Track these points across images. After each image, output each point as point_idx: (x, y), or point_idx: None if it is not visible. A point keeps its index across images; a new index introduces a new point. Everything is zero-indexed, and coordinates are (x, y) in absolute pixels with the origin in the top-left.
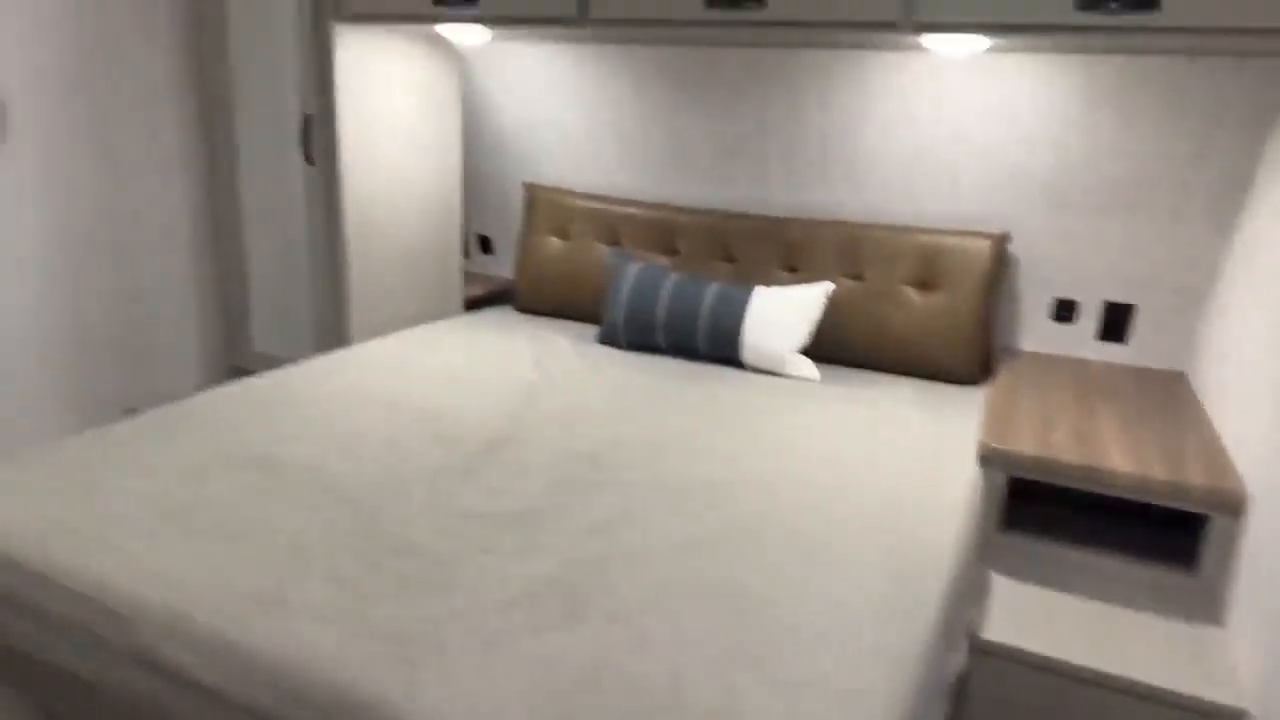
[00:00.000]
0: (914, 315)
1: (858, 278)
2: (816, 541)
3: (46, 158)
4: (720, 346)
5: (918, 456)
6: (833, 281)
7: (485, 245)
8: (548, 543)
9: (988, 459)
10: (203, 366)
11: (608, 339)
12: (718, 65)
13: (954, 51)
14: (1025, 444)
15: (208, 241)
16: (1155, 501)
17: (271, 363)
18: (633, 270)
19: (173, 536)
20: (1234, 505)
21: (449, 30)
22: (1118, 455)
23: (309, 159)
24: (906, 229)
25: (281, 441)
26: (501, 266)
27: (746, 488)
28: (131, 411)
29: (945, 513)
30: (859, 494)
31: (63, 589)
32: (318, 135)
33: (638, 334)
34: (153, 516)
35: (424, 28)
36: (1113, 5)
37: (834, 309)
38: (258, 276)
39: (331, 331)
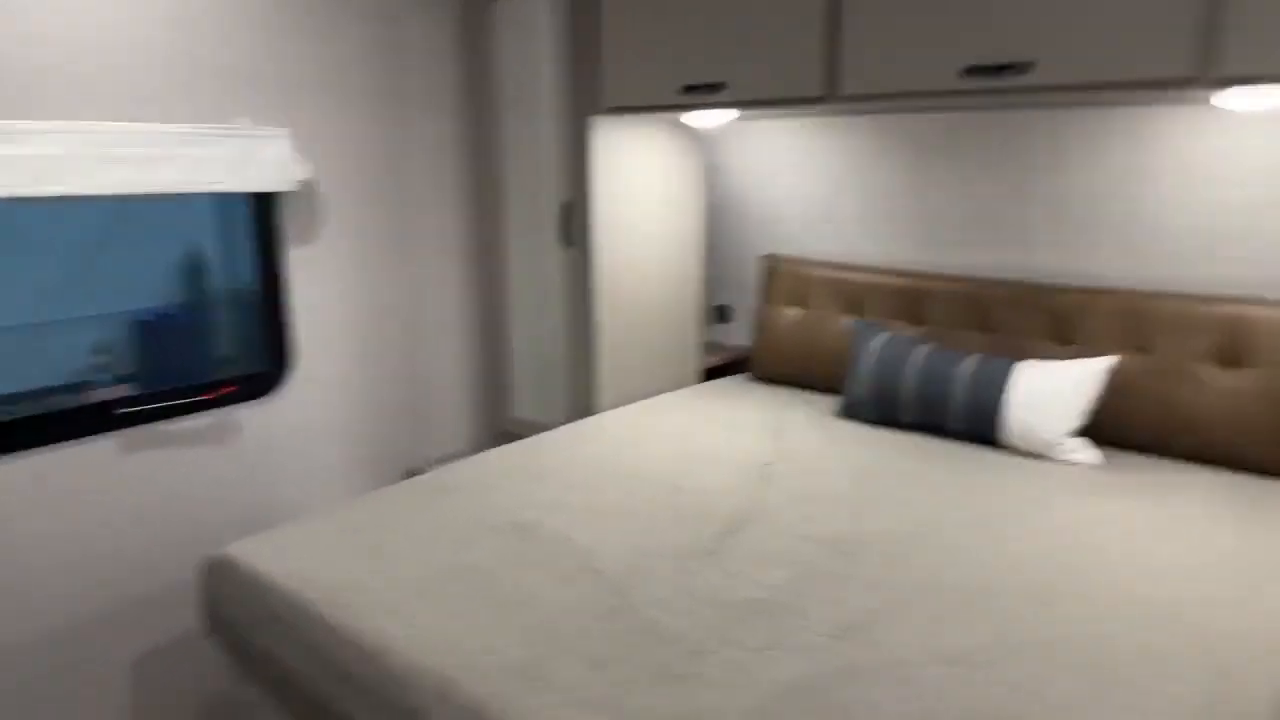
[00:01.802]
0: (1216, 395)
1: (1145, 351)
2: (1110, 665)
3: (352, 250)
4: (977, 424)
5: (1232, 566)
6: (1114, 356)
7: (722, 315)
8: (794, 641)
9: None
10: (472, 430)
11: (849, 412)
12: (969, 126)
13: (1253, 105)
14: None
15: (478, 320)
16: None
17: (530, 428)
18: (879, 340)
19: (444, 601)
20: None
21: (693, 116)
22: None
23: (567, 242)
24: (1203, 298)
25: (535, 508)
26: (737, 336)
27: (1017, 595)
28: (412, 472)
29: (1271, 639)
30: (1161, 611)
31: (349, 645)
32: (575, 220)
33: (882, 407)
34: (427, 579)
35: (672, 118)
36: None
37: (1116, 387)
38: (520, 351)
39: (582, 399)
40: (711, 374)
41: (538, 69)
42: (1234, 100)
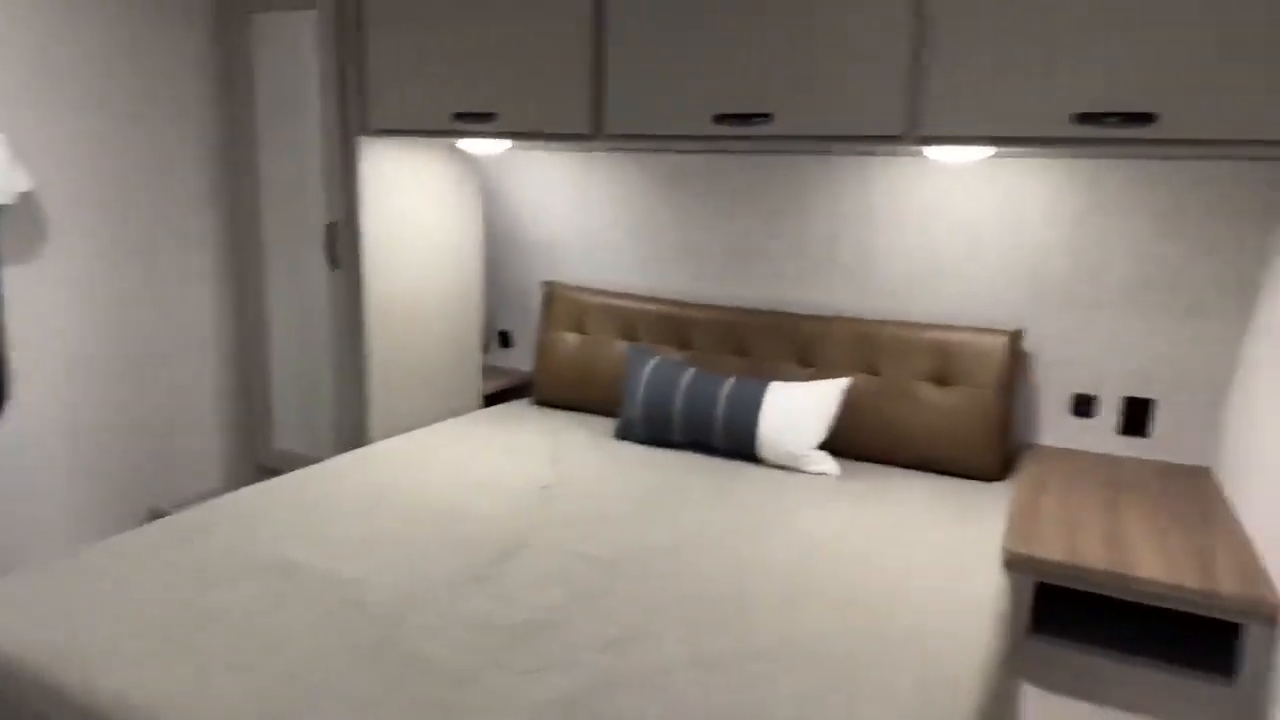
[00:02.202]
0: (932, 411)
1: (873, 373)
2: (840, 657)
3: (82, 263)
4: (737, 441)
5: (943, 561)
6: (848, 377)
7: (505, 340)
8: (561, 659)
9: (1014, 565)
10: (227, 466)
11: (625, 433)
12: (726, 168)
13: (958, 159)
14: (1052, 549)
15: (233, 344)
16: (1188, 610)
17: (294, 461)
18: (650, 364)
19: (190, 653)
20: (1269, 614)
21: (468, 142)
22: (1147, 559)
23: (333, 264)
24: (920, 325)
25: (299, 545)
26: (520, 360)
27: (767, 599)
28: (157, 514)
29: (974, 623)
30: (883, 604)
31: (76, 708)
32: (342, 241)
33: (655, 428)
34: (170, 630)
35: (448, 143)
36: (1110, 119)
37: (851, 404)
38: (281, 377)
39: (353, 430)
40: (493, 399)
41: (301, 85)
42: (941, 155)
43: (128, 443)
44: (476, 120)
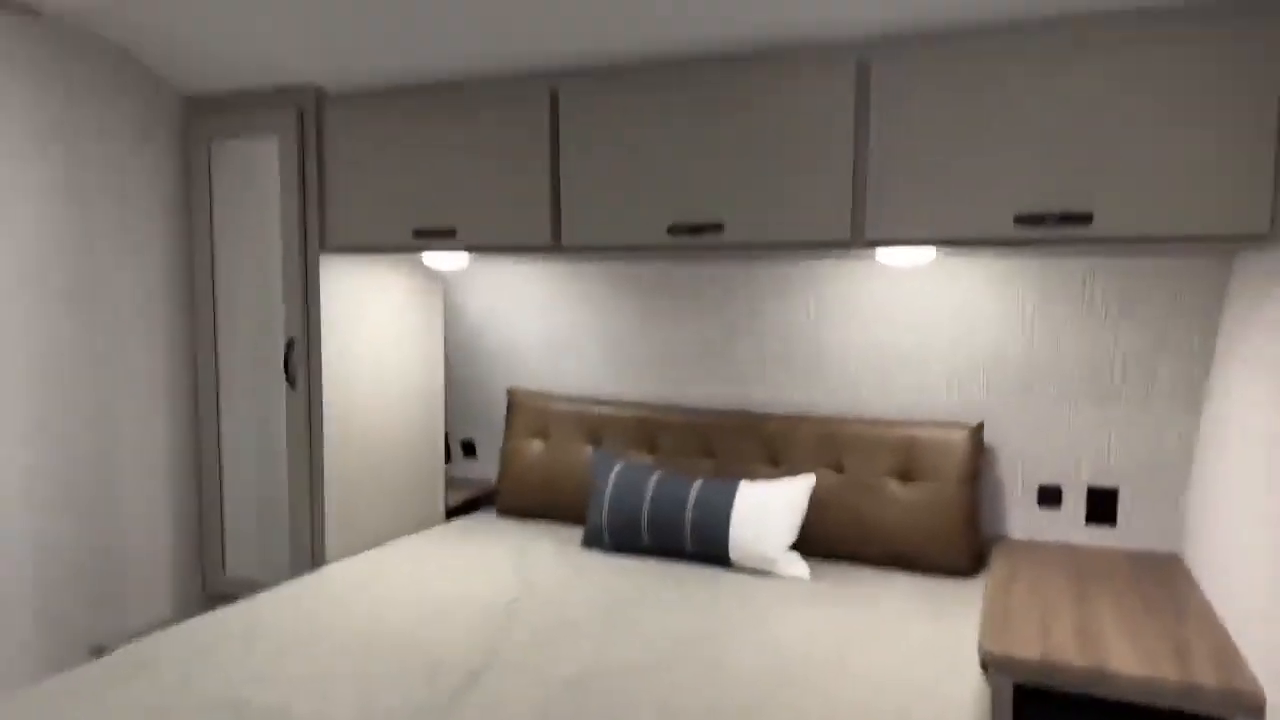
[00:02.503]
0: (898, 507)
1: (839, 470)
2: None
3: (19, 383)
4: (708, 545)
5: (920, 664)
6: (814, 474)
7: (469, 450)
8: None
9: (991, 666)
10: (178, 594)
11: (592, 542)
12: (688, 273)
13: (906, 260)
14: (1027, 647)
15: (187, 466)
16: (1168, 705)
17: (248, 587)
18: (616, 469)
19: None
20: (1252, 708)
21: (430, 257)
22: (1123, 653)
23: (291, 381)
24: (882, 421)
25: (249, 681)
26: (486, 470)
27: (737, 713)
28: (99, 650)
29: None
30: (861, 714)
31: None
32: (300, 358)
33: (622, 536)
34: None
35: (409, 258)
36: (1049, 220)
37: (819, 502)
38: (236, 499)
39: (310, 552)
40: (457, 512)
41: (262, 205)
42: (889, 257)
43: (68, 574)
44: (437, 236)
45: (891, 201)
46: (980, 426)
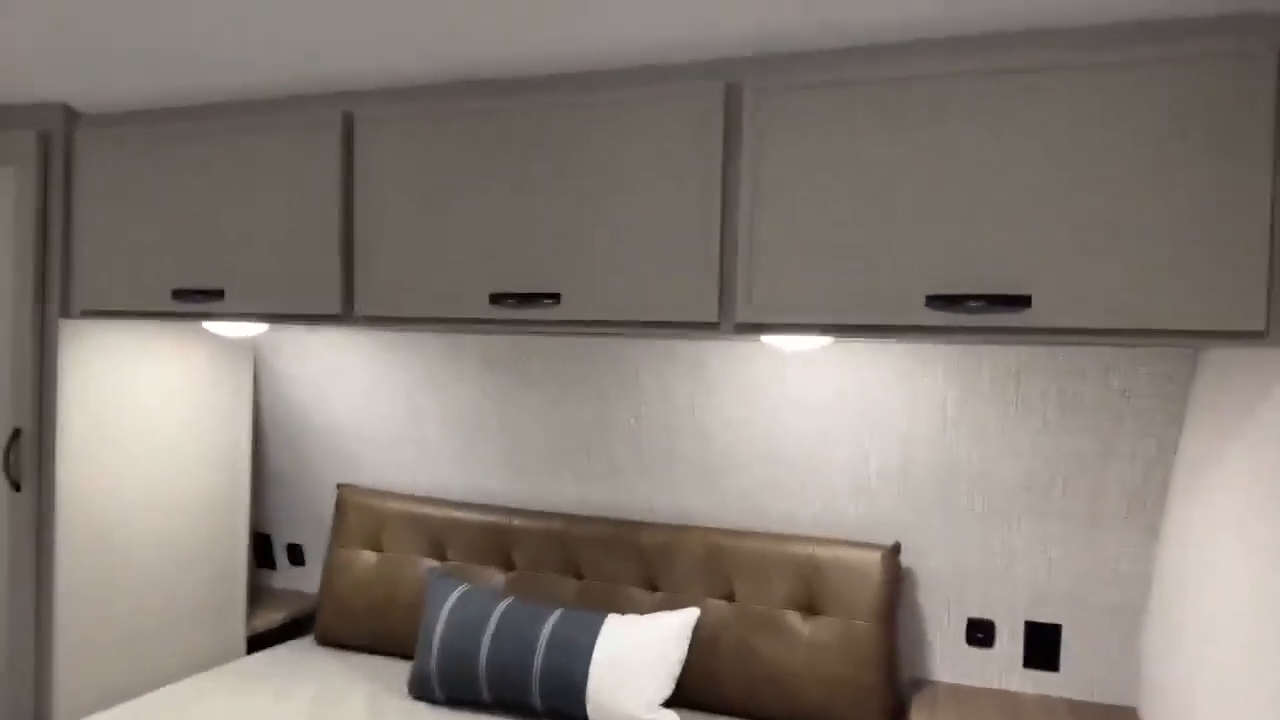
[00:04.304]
0: (800, 647)
1: (729, 598)
2: None
3: None
4: (559, 700)
5: None
6: (699, 603)
7: (297, 557)
8: None
9: None
10: None
11: (419, 691)
12: (546, 346)
13: (794, 346)
14: None
15: None
16: None
17: None
18: (454, 596)
19: None
20: None
21: (215, 326)
22: None
23: (14, 484)
24: (779, 536)
25: None
26: (314, 581)
27: None
28: None
29: None
30: None
31: None
32: (27, 454)
33: (456, 685)
34: None
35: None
36: (972, 304)
37: (703, 640)
38: None
39: (27, 699)
40: (268, 639)
41: None
42: (774, 341)
43: None
44: (201, 299)
45: (767, 274)
46: (896, 547)
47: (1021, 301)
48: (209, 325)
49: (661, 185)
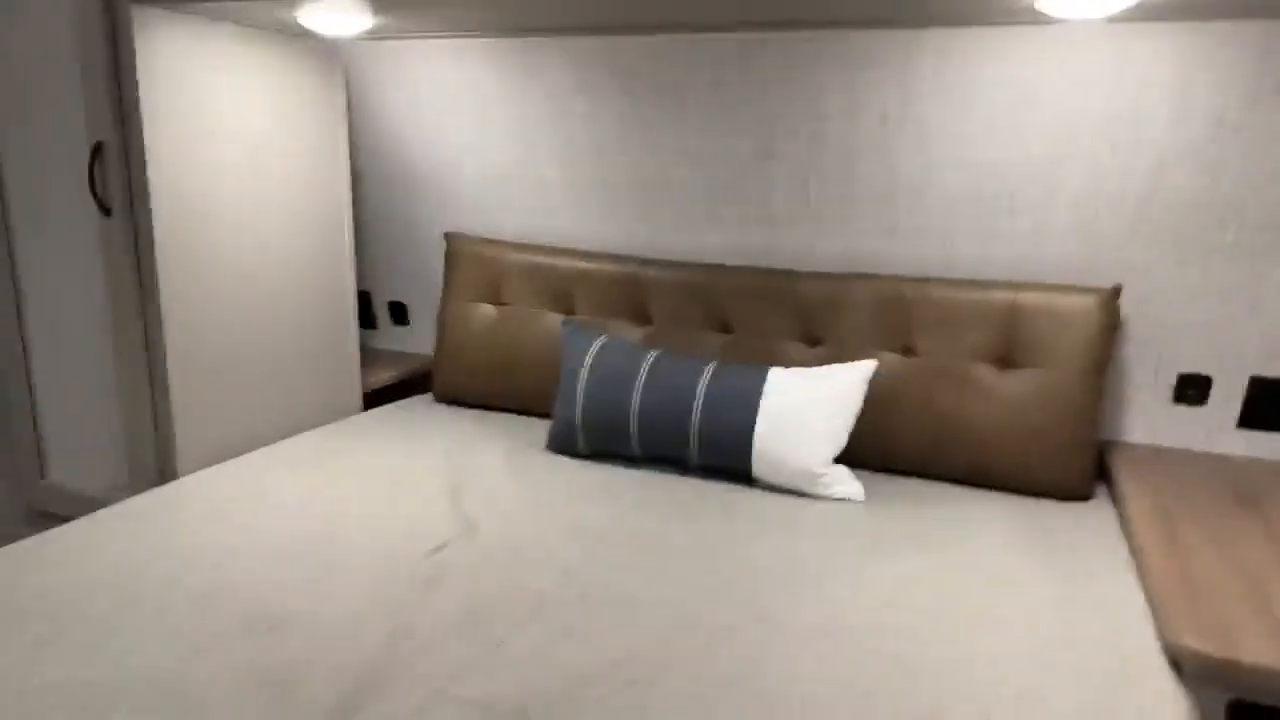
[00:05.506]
0: (993, 403)
1: (908, 352)
2: None
3: None
4: (722, 456)
5: (1054, 655)
6: (874, 357)
7: (399, 315)
8: None
9: (1196, 674)
10: None
11: (560, 445)
12: (703, 60)
13: (1074, 12)
14: (1252, 643)
15: None
16: None
17: (73, 503)
18: (594, 347)
19: None
20: None
21: (312, 19)
22: None
23: (103, 208)
24: (975, 283)
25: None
26: (421, 342)
27: None
28: None
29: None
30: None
31: None
32: (113, 173)
33: (603, 438)
34: None
35: (280, 18)
36: None
37: (879, 397)
38: (46, 383)
39: (149, 455)
40: (381, 397)
41: None
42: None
43: None
44: None
45: None
46: (1117, 291)
47: None
48: (307, 19)
49: None
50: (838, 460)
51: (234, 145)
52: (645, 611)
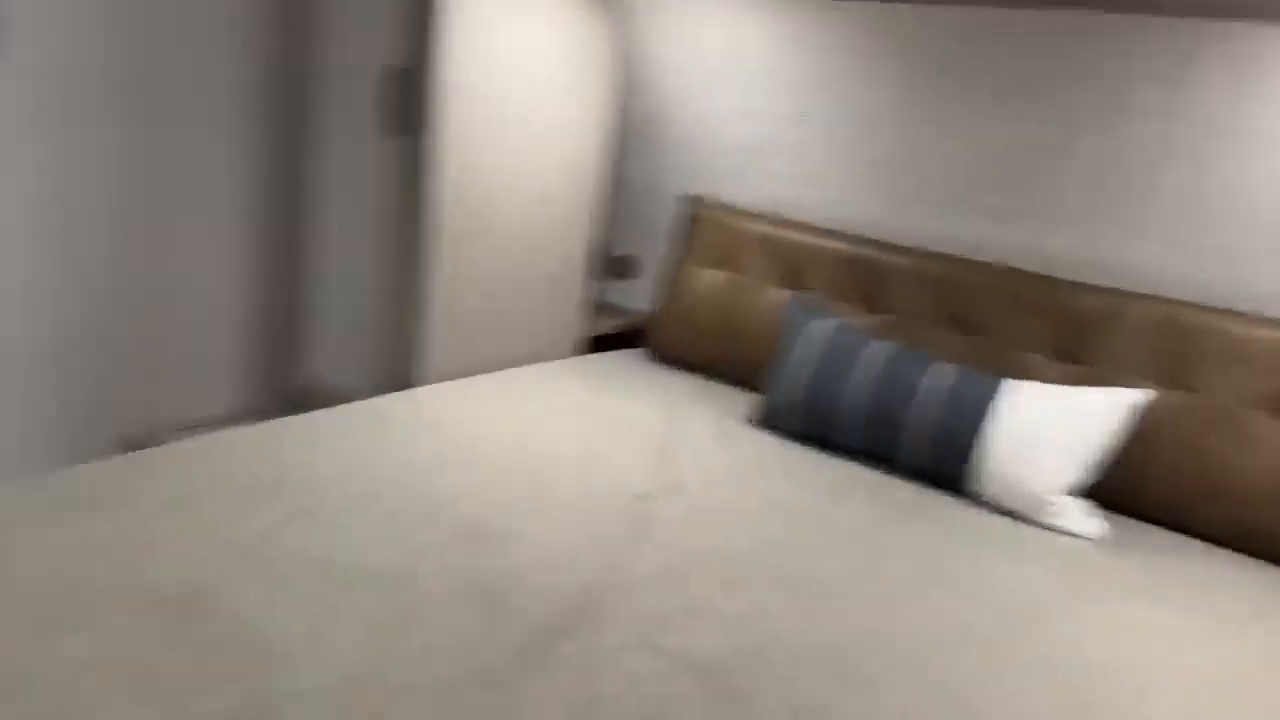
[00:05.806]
0: (1266, 456)
1: (1181, 386)
2: None
3: (52, 96)
4: (939, 460)
5: None
6: (1141, 386)
7: (622, 269)
8: None
9: None
10: (245, 386)
11: (770, 421)
12: (994, 36)
13: None
14: None
15: (262, 229)
16: None
17: (328, 392)
18: (822, 327)
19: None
20: None
21: None
22: None
23: (393, 127)
24: (1272, 320)
25: (224, 562)
26: (640, 298)
27: None
28: (132, 444)
29: None
30: None
31: None
32: (407, 95)
33: (816, 422)
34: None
35: None
36: None
37: (1145, 432)
38: (320, 280)
39: (401, 361)
40: (598, 344)
41: None
42: None
43: (102, 345)
44: None
45: None
46: None
47: None
48: None
49: None
50: (1075, 492)
51: (519, 84)
52: (852, 603)
